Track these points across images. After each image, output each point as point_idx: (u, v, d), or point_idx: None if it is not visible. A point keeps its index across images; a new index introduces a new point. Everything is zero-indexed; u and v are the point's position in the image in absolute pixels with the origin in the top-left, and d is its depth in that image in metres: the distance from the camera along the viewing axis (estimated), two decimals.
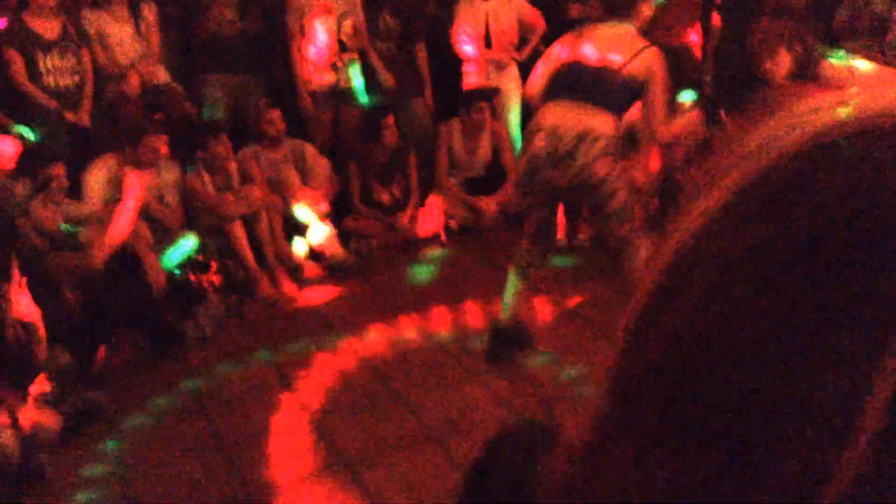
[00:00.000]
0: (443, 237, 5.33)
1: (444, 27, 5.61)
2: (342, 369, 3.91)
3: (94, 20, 4.93)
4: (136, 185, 4.18)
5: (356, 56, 5.37)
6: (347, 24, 5.26)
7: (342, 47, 5.29)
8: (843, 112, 0.37)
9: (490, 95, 5.40)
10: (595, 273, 4.66)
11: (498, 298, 4.52)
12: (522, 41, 5.61)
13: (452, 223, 5.41)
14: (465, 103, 5.36)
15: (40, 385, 3.27)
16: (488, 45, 5.49)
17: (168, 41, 5.17)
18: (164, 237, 4.46)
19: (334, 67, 5.33)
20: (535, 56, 5.61)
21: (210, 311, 4.21)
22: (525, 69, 5.59)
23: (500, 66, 5.52)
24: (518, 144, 5.67)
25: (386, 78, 5.44)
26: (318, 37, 5.24)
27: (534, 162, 3.41)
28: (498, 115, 5.53)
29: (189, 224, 4.63)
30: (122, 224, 4.05)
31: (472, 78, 5.58)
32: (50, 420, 3.24)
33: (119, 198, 4.15)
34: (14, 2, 4.78)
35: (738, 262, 0.35)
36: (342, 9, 5.24)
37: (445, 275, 4.92)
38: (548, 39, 5.59)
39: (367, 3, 5.42)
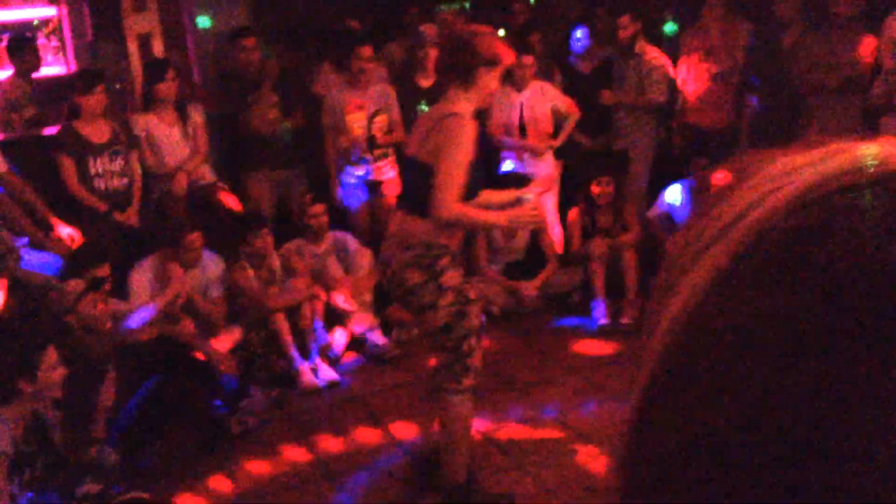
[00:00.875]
0: (484, 322, 5.30)
1: (480, 117, 5.72)
2: (385, 460, 3.86)
3: (143, 124, 5.13)
4: (179, 279, 4.29)
5: (389, 150, 5.49)
6: (381, 120, 5.40)
7: (373, 142, 5.41)
8: (815, 171, 0.36)
9: (526, 181, 5.45)
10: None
11: (543, 385, 4.49)
12: (558, 129, 5.68)
13: (494, 309, 5.40)
14: (502, 189, 5.41)
15: (87, 486, 3.28)
16: (523, 133, 5.58)
17: (214, 140, 5.35)
18: (209, 331, 4.53)
19: (365, 161, 5.44)
20: (571, 142, 5.70)
21: (253, 406, 4.21)
22: (562, 155, 5.68)
23: (536, 154, 5.60)
24: (556, 228, 5.69)
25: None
26: (351, 132, 5.38)
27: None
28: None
29: (233, 318, 4.69)
30: (151, 312, 4.14)
31: (507, 165, 5.66)
32: None
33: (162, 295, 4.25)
34: (67, 109, 5.00)
35: (740, 338, 0.34)
36: (376, 105, 5.39)
37: (489, 360, 4.88)
38: (582, 126, 5.69)
39: (411, 94, 5.56)
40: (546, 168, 5.62)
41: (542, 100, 5.56)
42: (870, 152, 0.37)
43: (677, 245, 0.41)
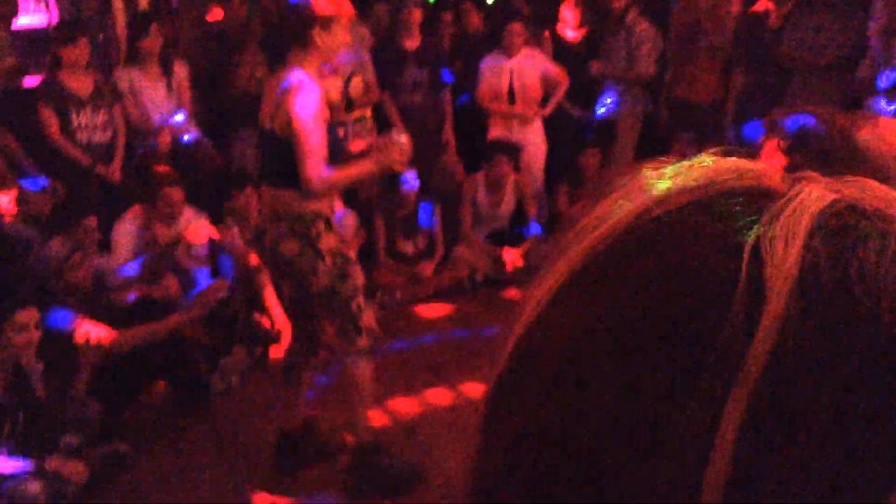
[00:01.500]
0: (468, 289, 5.34)
1: (469, 82, 5.70)
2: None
3: (126, 77, 5.06)
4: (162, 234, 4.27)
5: (367, 113, 5.45)
6: (356, 81, 5.36)
7: (350, 105, 5.37)
8: (660, 188, 0.39)
9: (512, 149, 5.46)
10: None
11: None
12: (547, 97, 5.67)
13: (477, 275, 5.42)
14: (489, 157, 5.42)
15: (68, 438, 3.28)
16: (512, 100, 5.56)
17: (199, 98, 5.29)
18: (191, 288, 4.50)
19: (343, 124, 5.39)
20: (560, 111, 5.70)
21: (235, 364, 4.22)
22: (549, 123, 5.68)
23: (524, 121, 5.59)
24: (542, 198, 5.71)
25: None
26: (329, 97, 5.32)
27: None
28: (522, 168, 5.57)
29: (216, 275, 4.67)
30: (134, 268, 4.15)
31: (495, 132, 5.65)
32: (76, 470, 3.24)
33: (145, 251, 4.21)
34: (49, 60, 4.92)
35: (577, 339, 0.37)
36: (350, 68, 5.34)
37: (469, 325, 4.91)
38: (571, 94, 5.68)
39: (395, 57, 5.52)
40: (534, 136, 5.62)
41: (531, 67, 5.54)
42: (726, 166, 0.40)
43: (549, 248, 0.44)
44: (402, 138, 3.16)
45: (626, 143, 5.90)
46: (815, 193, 0.37)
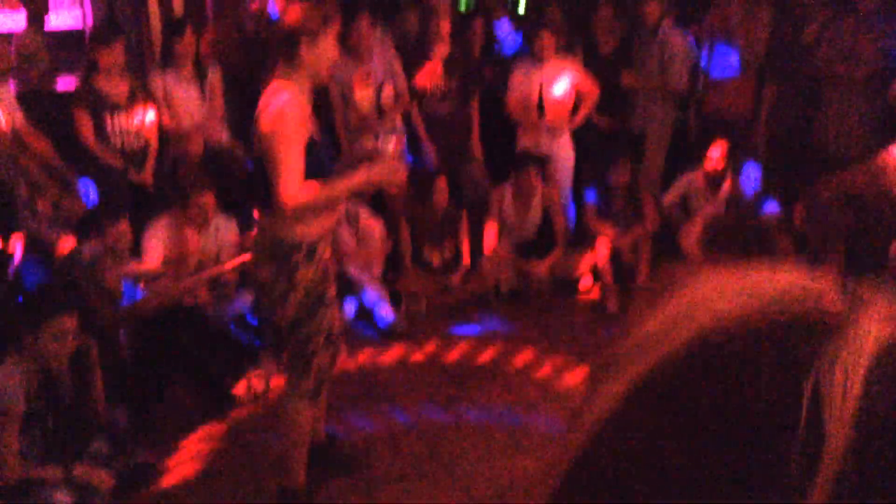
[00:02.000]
0: (493, 300, 5.33)
1: (499, 92, 5.69)
2: (391, 434, 3.90)
3: (160, 82, 5.10)
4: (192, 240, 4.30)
5: (396, 122, 5.46)
6: (388, 89, 5.37)
7: (381, 113, 5.39)
8: (721, 309, 0.40)
9: (541, 161, 5.44)
10: None
11: (548, 364, 4.52)
12: (577, 107, 5.64)
13: (503, 286, 5.41)
14: (517, 168, 5.40)
15: (98, 444, 3.31)
16: (542, 111, 5.54)
17: (232, 103, 5.32)
18: (222, 295, 4.53)
19: (374, 133, 5.42)
20: (589, 123, 5.67)
21: (262, 372, 4.24)
22: (578, 136, 5.65)
23: (552, 132, 5.57)
24: (569, 209, 5.68)
25: (428, 148, 5.53)
26: (360, 107, 5.35)
27: None
28: (550, 179, 5.55)
29: (245, 283, 4.70)
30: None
31: (524, 143, 5.63)
32: (103, 478, 3.27)
33: (176, 257, 4.25)
34: (85, 63, 4.97)
35: (640, 460, 0.38)
36: (382, 75, 5.35)
37: (495, 340, 4.91)
38: (599, 107, 5.65)
39: (422, 62, 5.51)
40: (563, 147, 5.59)
41: (562, 77, 5.51)
42: (793, 291, 0.40)
43: (615, 342, 0.45)
44: (389, 145, 3.07)
45: (656, 155, 5.87)
46: (874, 329, 0.37)
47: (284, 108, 2.79)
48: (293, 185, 2.78)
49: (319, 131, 5.45)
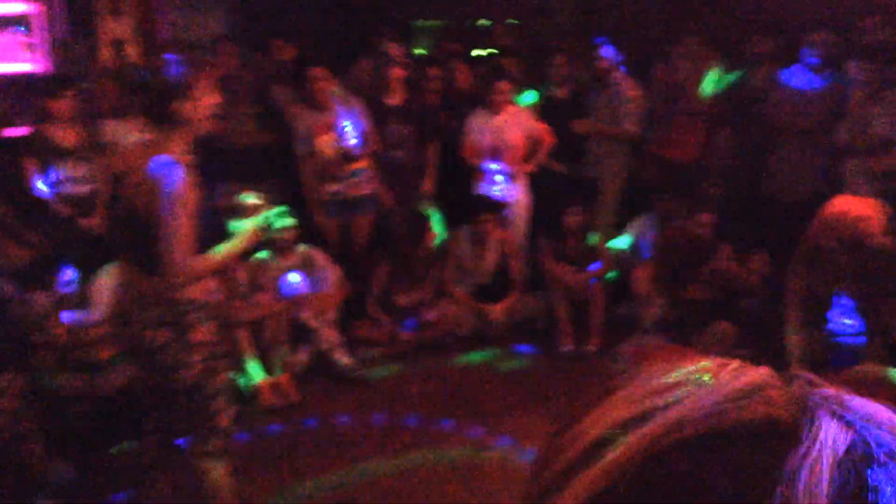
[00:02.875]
0: (451, 346, 5.31)
1: (455, 137, 5.73)
2: (341, 483, 3.83)
3: (111, 129, 5.06)
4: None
5: (364, 164, 5.47)
6: (351, 132, 5.38)
7: (347, 157, 5.40)
8: (673, 402, 0.39)
9: (496, 205, 5.48)
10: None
11: (504, 408, 4.49)
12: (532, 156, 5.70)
13: (460, 330, 5.40)
14: (473, 213, 5.44)
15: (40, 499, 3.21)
16: (497, 156, 5.59)
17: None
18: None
19: (339, 178, 5.42)
20: (544, 168, 5.74)
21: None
22: (533, 179, 5.71)
23: (509, 177, 5.61)
24: (524, 253, 5.71)
25: (384, 192, 5.54)
26: (323, 152, 5.36)
27: None
28: (507, 223, 5.59)
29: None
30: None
31: (481, 187, 5.67)
32: None
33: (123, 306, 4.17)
34: (35, 112, 4.93)
35: None
36: (343, 122, 5.37)
37: (451, 383, 4.87)
38: (554, 153, 5.72)
39: (378, 113, 5.55)
40: (518, 192, 5.64)
41: (516, 125, 5.58)
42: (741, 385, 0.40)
43: (553, 444, 0.44)
44: (249, 200, 2.93)
45: (610, 201, 5.94)
46: (831, 437, 0.36)
47: (171, 176, 2.65)
48: (184, 256, 2.68)
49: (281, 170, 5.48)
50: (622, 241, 5.54)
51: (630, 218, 5.61)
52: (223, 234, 2.90)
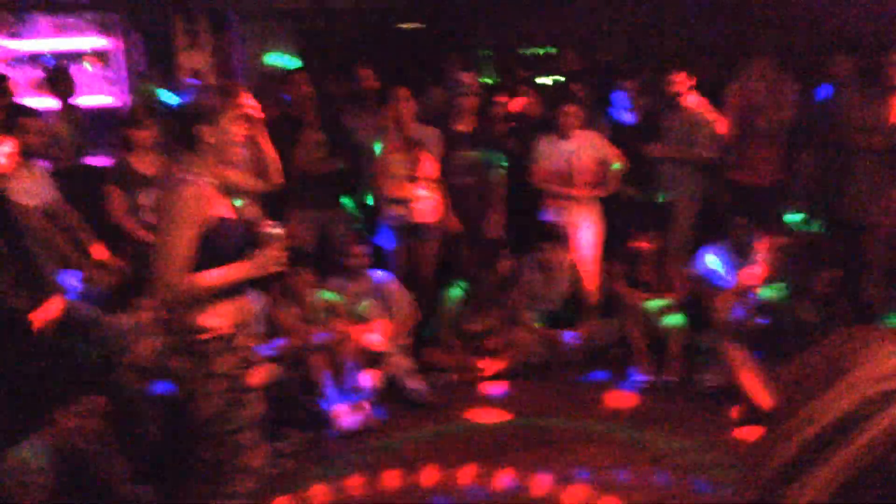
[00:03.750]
0: (523, 372, 5.26)
1: (523, 161, 5.72)
2: None
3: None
4: None
5: (433, 189, 5.48)
6: (424, 159, 5.42)
7: (414, 181, 5.43)
8: None
9: (561, 233, 5.42)
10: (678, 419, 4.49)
11: (576, 437, 4.41)
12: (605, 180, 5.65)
13: (531, 358, 5.34)
14: (540, 241, 5.41)
15: None
16: (569, 182, 5.56)
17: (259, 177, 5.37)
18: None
19: (406, 201, 5.45)
20: (617, 193, 5.68)
21: (287, 447, 4.17)
22: (606, 205, 5.66)
23: (580, 202, 5.56)
24: (596, 279, 5.63)
25: (451, 217, 5.54)
26: (395, 172, 5.40)
27: None
28: (578, 249, 5.53)
29: (272, 357, 4.67)
30: None
31: (549, 213, 5.63)
32: None
33: None
34: (119, 141, 5.07)
35: None
36: (417, 144, 5.41)
37: (523, 411, 4.81)
38: (626, 177, 5.66)
39: (449, 139, 5.57)
40: (590, 218, 5.58)
41: (589, 149, 5.54)
42: None
43: (783, 393, 0.44)
44: (277, 231, 2.86)
45: (684, 226, 5.83)
46: None
47: (182, 193, 2.63)
48: (174, 275, 2.62)
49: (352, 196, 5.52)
50: (694, 269, 5.41)
51: (706, 243, 5.49)
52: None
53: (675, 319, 5.20)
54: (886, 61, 5.13)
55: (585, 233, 5.57)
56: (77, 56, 8.82)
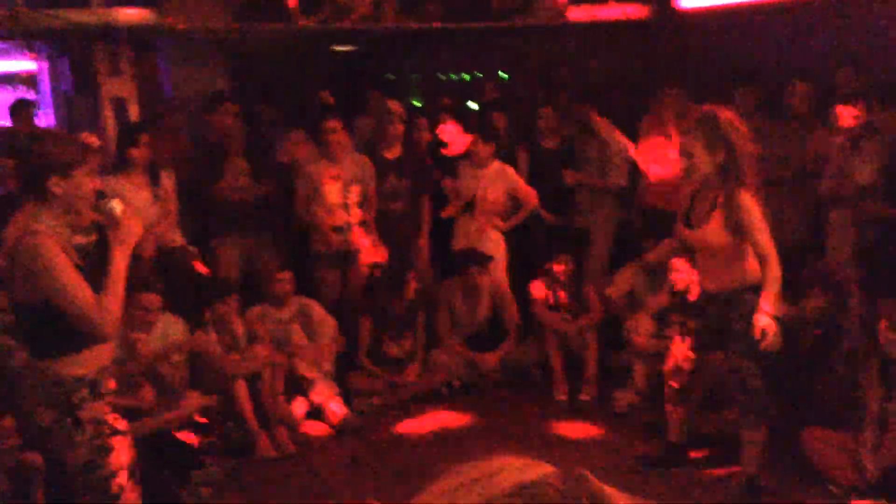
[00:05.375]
0: (446, 395, 5.38)
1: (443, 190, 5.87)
2: None
3: (113, 185, 5.16)
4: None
5: (364, 219, 5.59)
6: (355, 190, 5.52)
7: (347, 210, 5.53)
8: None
9: (482, 257, 5.56)
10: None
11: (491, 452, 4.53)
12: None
13: (454, 380, 5.47)
14: (460, 265, 5.54)
15: None
16: (470, 209, 5.71)
17: (184, 205, 5.41)
18: (169, 396, 4.53)
19: (339, 230, 5.54)
20: (536, 218, 5.85)
21: (207, 476, 4.21)
22: (525, 231, 5.83)
23: (481, 231, 5.71)
24: (511, 302, 5.77)
25: (378, 244, 5.64)
26: (326, 201, 5.50)
27: None
28: (491, 273, 5.67)
29: (193, 384, 4.70)
30: None
31: (458, 240, 5.77)
32: None
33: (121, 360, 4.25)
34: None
35: None
36: (351, 176, 5.51)
37: (447, 436, 4.93)
38: (544, 203, 5.84)
39: (377, 166, 5.68)
40: (493, 247, 5.71)
41: (498, 182, 5.71)
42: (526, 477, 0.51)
43: None
44: (111, 203, 2.80)
45: (600, 249, 6.04)
46: None
47: (42, 244, 2.61)
48: (98, 308, 2.66)
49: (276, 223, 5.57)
50: (613, 289, 5.61)
51: (620, 266, 5.69)
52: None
53: (591, 341, 5.39)
54: (789, 92, 5.40)
55: (494, 258, 5.71)
56: (7, 79, 8.72)
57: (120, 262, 2.76)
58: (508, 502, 0.48)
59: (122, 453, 2.85)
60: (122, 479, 2.85)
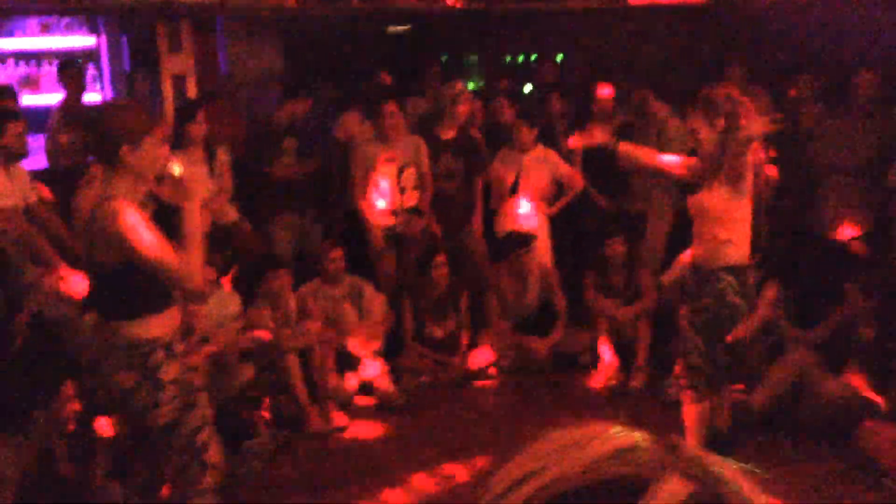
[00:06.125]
0: (493, 377, 5.37)
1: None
2: None
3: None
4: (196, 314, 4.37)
5: (416, 203, 5.59)
6: (410, 173, 5.53)
7: (402, 192, 5.53)
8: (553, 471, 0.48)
9: (527, 239, 5.51)
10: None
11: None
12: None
13: (503, 363, 5.45)
14: (506, 249, 5.50)
15: None
16: (514, 193, 5.66)
17: (239, 182, 5.47)
18: (222, 369, 4.60)
19: (395, 213, 5.56)
20: (589, 203, 5.79)
21: (259, 447, 4.27)
22: (578, 215, 5.77)
23: (524, 216, 5.67)
24: (560, 286, 5.71)
25: (432, 223, 5.63)
26: (380, 184, 5.51)
27: None
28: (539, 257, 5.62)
29: (245, 357, 4.76)
30: None
31: (503, 223, 5.74)
32: None
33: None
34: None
35: None
36: (405, 158, 5.51)
37: (493, 416, 4.92)
38: (600, 185, 5.77)
39: (433, 146, 5.67)
40: (538, 232, 5.64)
41: (541, 166, 5.64)
42: (621, 443, 0.49)
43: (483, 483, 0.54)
44: (171, 165, 2.92)
45: (656, 234, 5.95)
46: (668, 490, 0.44)
47: (121, 209, 2.66)
48: (186, 269, 2.74)
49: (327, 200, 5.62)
50: (669, 275, 5.52)
51: (678, 254, 5.59)
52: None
53: (643, 328, 5.32)
54: (855, 82, 5.24)
55: (538, 243, 5.66)
56: (64, 55, 8.87)
57: (191, 221, 2.83)
58: (607, 467, 0.46)
59: (203, 407, 2.94)
60: (205, 434, 2.93)
